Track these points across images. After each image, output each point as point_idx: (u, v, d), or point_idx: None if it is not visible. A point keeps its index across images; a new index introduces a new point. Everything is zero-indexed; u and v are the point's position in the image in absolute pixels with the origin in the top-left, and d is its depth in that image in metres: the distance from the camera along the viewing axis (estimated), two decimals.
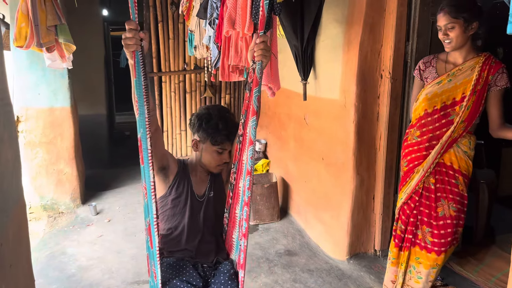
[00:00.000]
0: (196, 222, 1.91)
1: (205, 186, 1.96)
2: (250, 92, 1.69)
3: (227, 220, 1.92)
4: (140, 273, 3.15)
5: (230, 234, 1.89)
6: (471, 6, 2.16)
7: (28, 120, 4.19)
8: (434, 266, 2.35)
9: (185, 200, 1.90)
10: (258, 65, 1.59)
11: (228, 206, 1.89)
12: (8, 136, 1.62)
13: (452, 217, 2.29)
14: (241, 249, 1.64)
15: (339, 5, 3.03)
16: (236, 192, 1.82)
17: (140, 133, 1.48)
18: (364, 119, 2.99)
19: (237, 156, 1.79)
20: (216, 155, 1.88)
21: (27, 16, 2.80)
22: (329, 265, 3.19)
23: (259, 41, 1.59)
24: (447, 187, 2.31)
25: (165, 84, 5.10)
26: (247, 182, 1.60)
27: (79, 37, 4.00)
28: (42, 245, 3.65)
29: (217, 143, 1.85)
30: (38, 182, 4.32)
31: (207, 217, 1.93)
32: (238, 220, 1.76)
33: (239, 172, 1.80)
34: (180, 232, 1.89)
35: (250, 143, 1.58)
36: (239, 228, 1.70)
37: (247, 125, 1.71)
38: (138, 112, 1.47)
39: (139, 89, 1.46)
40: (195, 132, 1.92)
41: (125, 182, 5.35)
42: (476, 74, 2.17)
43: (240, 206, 1.77)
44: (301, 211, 3.95)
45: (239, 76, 3.09)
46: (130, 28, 1.41)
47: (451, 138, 2.24)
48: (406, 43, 2.83)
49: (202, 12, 3.20)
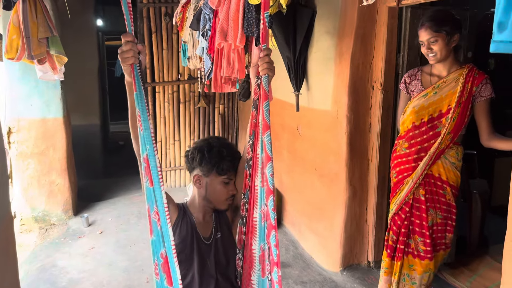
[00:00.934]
0: (207, 268, 1.70)
1: (210, 227, 1.75)
2: (257, 109, 1.56)
3: (241, 262, 1.69)
4: (131, 286, 3.12)
5: (248, 276, 1.65)
6: (451, 20, 2.21)
7: (20, 131, 4.17)
8: (426, 271, 2.39)
9: (191, 244, 1.69)
10: (265, 79, 1.50)
11: (241, 244, 1.68)
12: None
13: (437, 224, 2.35)
14: (275, 282, 1.38)
15: (330, 18, 3.05)
16: (250, 226, 1.61)
17: (147, 150, 1.34)
18: (356, 130, 2.99)
19: (248, 183, 1.61)
20: (224, 187, 1.68)
21: (18, 28, 2.81)
22: (323, 277, 3.17)
23: (263, 54, 1.51)
24: (435, 197, 2.35)
25: (159, 94, 5.10)
26: (271, 203, 1.39)
27: (72, 47, 4.01)
28: (33, 258, 3.61)
29: (223, 172, 1.66)
30: (30, 194, 4.28)
31: (219, 261, 1.71)
32: (259, 256, 1.55)
33: (252, 201, 1.59)
34: (190, 280, 1.67)
35: (268, 160, 1.41)
36: (268, 259, 1.47)
37: (257, 146, 1.56)
38: (143, 127, 1.33)
39: (141, 103, 1.34)
40: (195, 167, 1.70)
41: (118, 193, 5.32)
42: (461, 86, 2.20)
43: (259, 238, 1.56)
44: (294, 222, 3.94)
45: (232, 87, 3.10)
46: (127, 41, 1.32)
47: (439, 150, 2.28)
48: (397, 55, 2.85)
49: (195, 24, 3.22)
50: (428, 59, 2.27)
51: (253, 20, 2.52)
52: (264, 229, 1.50)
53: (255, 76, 1.55)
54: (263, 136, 1.45)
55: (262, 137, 1.47)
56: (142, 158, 1.35)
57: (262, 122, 1.47)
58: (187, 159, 1.74)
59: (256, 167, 1.54)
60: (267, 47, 1.52)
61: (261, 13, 1.49)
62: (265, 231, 1.49)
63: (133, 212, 4.62)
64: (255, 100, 1.55)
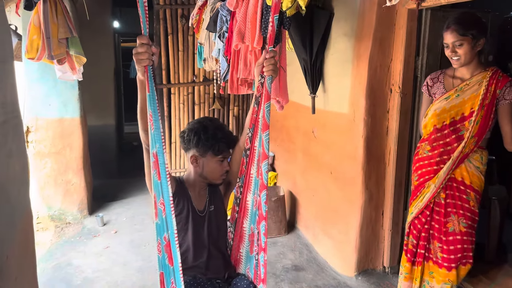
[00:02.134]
0: (201, 237, 1.87)
1: (204, 201, 1.93)
2: (258, 106, 1.69)
3: (232, 235, 1.89)
4: (145, 286, 3.13)
5: (237, 248, 1.87)
6: (478, 23, 2.17)
7: (38, 131, 4.23)
8: (446, 282, 2.33)
9: (187, 216, 1.86)
10: (268, 80, 1.61)
11: (233, 220, 1.87)
12: (16, 149, 1.62)
13: (462, 233, 2.28)
14: (261, 264, 1.62)
15: (348, 20, 3.03)
16: (243, 206, 1.79)
17: (156, 148, 1.44)
18: (373, 134, 2.96)
19: (244, 170, 1.77)
20: (219, 165, 1.85)
21: (39, 28, 2.85)
22: (337, 281, 3.14)
23: (269, 56, 1.60)
24: (458, 203, 2.30)
25: (174, 95, 5.12)
26: (264, 196, 1.58)
27: (90, 48, 4.05)
28: (49, 256, 3.64)
29: (219, 153, 1.83)
30: (46, 192, 4.33)
31: (211, 232, 1.90)
32: (249, 235, 1.74)
33: (246, 186, 1.78)
34: (185, 249, 1.85)
35: (265, 157, 1.58)
36: (257, 243, 1.67)
37: (255, 139, 1.71)
38: (154, 127, 1.43)
39: (153, 104, 1.42)
40: (191, 148, 1.86)
41: (132, 193, 5.35)
42: (484, 89, 2.16)
43: (250, 220, 1.75)
44: (308, 225, 3.91)
45: (248, 89, 3.09)
46: (142, 43, 1.38)
47: (463, 154, 2.23)
48: (416, 58, 2.82)
49: (211, 25, 3.23)
50: (452, 62, 2.23)
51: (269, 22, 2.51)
52: (255, 215, 1.71)
53: (259, 74, 1.67)
54: (263, 134, 1.60)
55: (261, 135, 1.62)
56: (152, 153, 1.46)
57: (262, 120, 1.61)
58: (183, 140, 1.89)
59: (253, 158, 1.72)
60: (274, 49, 1.64)
61: (271, 15, 1.63)
62: (256, 217, 1.70)
63: (147, 212, 4.65)
64: (257, 97, 1.70)
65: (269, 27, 1.61)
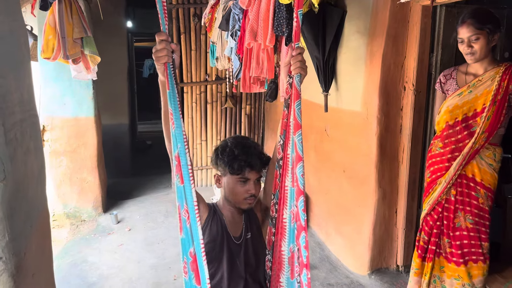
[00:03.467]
0: (236, 268, 1.68)
1: (240, 227, 1.73)
2: (288, 109, 1.54)
3: (270, 263, 1.65)
4: (159, 283, 3.16)
5: (277, 278, 1.62)
6: (493, 18, 2.14)
7: (53, 130, 4.29)
8: (456, 278, 2.32)
9: (221, 243, 1.66)
10: (297, 78, 1.47)
11: (270, 245, 1.64)
12: (34, 146, 1.65)
13: (468, 229, 2.27)
14: (305, 284, 1.37)
15: (361, 17, 3.02)
16: (280, 226, 1.58)
17: (178, 149, 1.33)
18: (387, 132, 2.94)
19: (278, 183, 1.58)
20: (240, 187, 1.64)
21: (54, 28, 2.89)
22: (350, 280, 3.13)
23: (296, 53, 1.47)
24: (466, 199, 2.28)
25: (187, 94, 5.15)
26: (301, 203, 1.39)
27: (104, 48, 4.09)
28: (64, 253, 3.70)
29: (235, 172, 1.62)
30: (62, 190, 4.40)
31: (248, 262, 1.69)
32: (288, 258, 1.53)
33: (281, 202, 1.57)
34: (218, 280, 1.66)
35: (299, 160, 1.40)
36: (297, 261, 1.45)
37: (288, 146, 1.54)
38: (175, 125, 1.33)
39: (173, 102, 1.34)
40: (215, 165, 1.72)
41: (146, 191, 5.41)
42: (496, 84, 2.14)
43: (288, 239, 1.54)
44: (321, 223, 3.90)
45: (260, 87, 3.10)
46: (161, 40, 1.32)
47: (473, 150, 2.21)
48: (431, 55, 2.79)
49: (224, 24, 3.23)
50: (466, 58, 2.20)
51: (283, 19, 2.51)
52: (293, 230, 1.48)
53: (287, 75, 1.52)
54: (294, 135, 1.44)
55: (293, 137, 1.45)
56: (174, 156, 1.35)
57: (294, 121, 1.46)
58: (211, 159, 1.75)
59: (287, 167, 1.52)
60: (299, 45, 1.49)
61: (295, 11, 1.47)
62: (294, 232, 1.47)
63: (160, 210, 4.69)
64: (287, 100, 1.54)
65: (294, 23, 1.51)
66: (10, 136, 1.38)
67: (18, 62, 1.56)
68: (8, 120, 1.38)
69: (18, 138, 1.46)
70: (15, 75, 1.49)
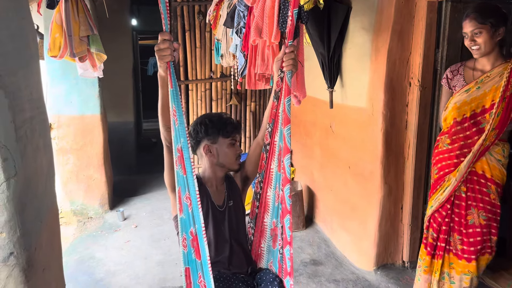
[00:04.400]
0: (222, 232, 1.86)
1: (223, 196, 1.92)
2: (278, 100, 1.68)
3: (252, 230, 1.89)
4: (166, 279, 3.18)
5: (258, 243, 1.86)
6: (496, 12, 2.15)
7: (60, 127, 4.32)
8: (466, 273, 2.32)
9: (207, 211, 1.84)
10: (288, 74, 1.59)
11: (253, 215, 1.86)
12: (43, 144, 1.67)
13: (482, 225, 2.27)
14: (287, 257, 1.60)
15: (366, 13, 3.01)
16: (264, 202, 1.79)
17: (181, 143, 1.45)
18: (392, 128, 2.94)
19: (264, 165, 1.77)
20: (232, 148, 1.86)
21: (61, 26, 2.91)
22: (356, 276, 3.14)
23: (288, 50, 1.58)
24: (478, 196, 2.28)
25: (192, 92, 5.16)
26: (287, 190, 1.58)
27: (109, 46, 4.11)
28: (72, 250, 3.74)
29: (229, 134, 1.85)
30: (69, 188, 4.43)
31: (232, 227, 1.89)
32: (270, 229, 1.74)
33: (266, 181, 1.77)
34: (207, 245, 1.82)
35: (287, 151, 1.57)
36: (281, 236, 1.66)
37: (275, 134, 1.70)
38: (178, 122, 1.44)
39: (176, 99, 1.43)
40: (201, 139, 1.86)
41: (151, 189, 5.43)
42: (505, 80, 2.13)
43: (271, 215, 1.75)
44: (326, 220, 3.91)
45: (265, 84, 3.10)
46: (164, 39, 1.39)
47: (483, 147, 2.20)
48: (436, 50, 2.78)
49: (229, 21, 3.24)
50: (472, 52, 2.21)
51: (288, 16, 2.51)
52: (278, 208, 1.70)
53: (279, 69, 1.66)
54: (284, 128, 1.59)
55: (282, 129, 1.61)
56: (176, 148, 1.45)
57: (283, 115, 1.60)
58: (191, 137, 1.87)
59: (273, 153, 1.71)
60: (293, 43, 1.61)
61: (290, 10, 1.58)
62: (278, 211, 1.69)
63: (166, 207, 4.71)
64: (277, 92, 1.69)
65: (288, 21, 1.60)
66: (21, 133, 1.40)
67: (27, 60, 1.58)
68: (18, 117, 1.40)
69: (28, 135, 1.48)
70: (24, 72, 1.51)
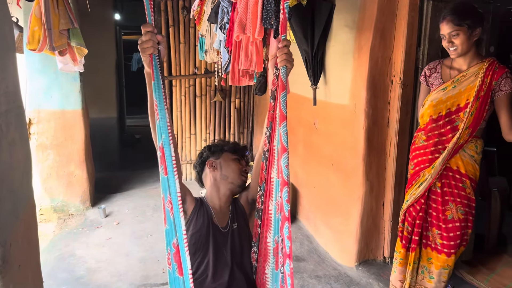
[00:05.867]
0: (222, 256, 1.73)
1: (227, 218, 1.80)
2: (274, 101, 1.58)
3: (256, 255, 1.72)
4: (148, 276, 3.16)
5: (263, 269, 1.68)
6: (473, 13, 2.19)
7: (40, 123, 4.24)
8: (445, 267, 2.37)
9: (207, 232, 1.73)
10: (283, 70, 1.50)
11: (256, 237, 1.70)
12: (19, 137, 1.63)
13: (460, 220, 2.32)
14: (288, 274, 1.35)
15: (349, 11, 3.03)
16: (265, 218, 1.62)
17: (162, 139, 1.35)
18: (374, 125, 2.97)
19: (264, 175, 1.64)
20: (237, 164, 1.84)
21: (40, 19, 2.84)
22: (338, 272, 3.16)
23: (282, 45, 1.50)
24: (455, 191, 2.33)
25: (176, 88, 5.13)
26: (285, 194, 1.38)
27: (91, 41, 4.05)
28: (52, 247, 3.68)
29: (233, 150, 1.87)
30: (49, 184, 4.36)
31: (235, 251, 1.75)
32: (273, 249, 1.56)
33: (267, 193, 1.62)
34: (204, 269, 1.71)
35: (283, 151, 1.40)
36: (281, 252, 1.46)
37: (274, 137, 1.58)
38: (159, 116, 1.35)
39: (158, 93, 1.35)
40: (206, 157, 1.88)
41: (134, 185, 5.38)
42: (479, 80, 2.18)
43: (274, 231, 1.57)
44: (309, 216, 3.93)
45: (249, 80, 3.09)
46: (147, 31, 1.34)
47: (457, 145, 2.26)
48: (418, 49, 2.82)
49: (213, 17, 3.22)
50: (449, 52, 2.26)
51: (272, 12, 2.51)
52: (278, 221, 1.50)
53: (274, 67, 1.56)
54: (279, 127, 1.45)
55: (278, 128, 1.47)
56: (158, 147, 1.36)
57: (279, 113, 1.48)
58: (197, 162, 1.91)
59: (273, 159, 1.57)
60: (286, 38, 1.52)
61: (281, 3, 1.49)
62: (279, 223, 1.48)
63: (149, 204, 4.68)
64: (273, 91, 1.58)
65: (280, 15, 1.54)
66: None
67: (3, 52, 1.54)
68: None
69: (3, 129, 1.44)
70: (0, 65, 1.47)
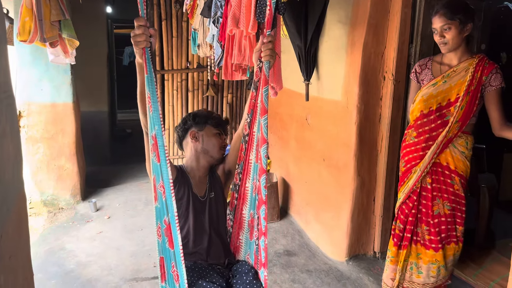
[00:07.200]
0: (202, 223, 1.88)
1: (205, 187, 1.95)
2: (257, 91, 1.68)
3: (232, 222, 1.90)
4: (139, 270, 3.15)
5: (237, 235, 1.88)
6: (465, 8, 2.21)
7: (30, 115, 4.20)
8: (433, 262, 2.39)
9: (187, 201, 1.87)
10: (266, 64, 1.59)
11: (232, 207, 1.88)
12: (10, 129, 1.62)
13: (446, 215, 2.35)
14: (262, 248, 1.60)
15: (343, 7, 3.03)
16: (242, 193, 1.80)
17: (155, 130, 1.43)
18: (366, 121, 2.98)
19: (243, 156, 1.78)
20: (218, 138, 1.95)
21: (31, 10, 2.81)
22: (328, 266, 3.19)
23: (267, 40, 1.58)
24: (443, 187, 2.35)
25: (168, 82, 5.10)
26: (263, 181, 1.57)
27: (82, 33, 4.00)
28: (42, 240, 3.65)
29: (216, 125, 1.96)
30: (39, 178, 4.32)
31: (212, 218, 1.91)
32: (248, 221, 1.75)
33: (245, 172, 1.78)
34: (186, 235, 1.86)
35: (263, 142, 1.56)
36: (257, 227, 1.67)
37: (254, 124, 1.71)
38: (152, 109, 1.42)
39: (151, 86, 1.42)
40: (189, 127, 1.97)
41: (125, 179, 5.36)
42: (470, 75, 2.21)
43: (249, 206, 1.75)
44: (301, 211, 3.95)
45: (242, 75, 3.09)
46: (140, 25, 1.39)
47: (446, 138, 2.28)
48: (410, 45, 2.83)
49: (206, 11, 3.20)
50: (440, 47, 2.28)
51: (265, 6, 2.50)
52: (255, 200, 1.71)
53: (258, 59, 1.67)
54: (261, 118, 1.57)
55: (259, 119, 1.59)
56: (150, 136, 1.45)
57: (261, 105, 1.59)
58: (180, 128, 1.98)
59: (252, 143, 1.73)
60: (271, 34, 1.61)
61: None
62: (255, 202, 1.69)
63: (140, 198, 4.66)
64: (256, 82, 1.69)
65: (267, 11, 1.60)
66: None
67: None
68: None
69: None
70: None
